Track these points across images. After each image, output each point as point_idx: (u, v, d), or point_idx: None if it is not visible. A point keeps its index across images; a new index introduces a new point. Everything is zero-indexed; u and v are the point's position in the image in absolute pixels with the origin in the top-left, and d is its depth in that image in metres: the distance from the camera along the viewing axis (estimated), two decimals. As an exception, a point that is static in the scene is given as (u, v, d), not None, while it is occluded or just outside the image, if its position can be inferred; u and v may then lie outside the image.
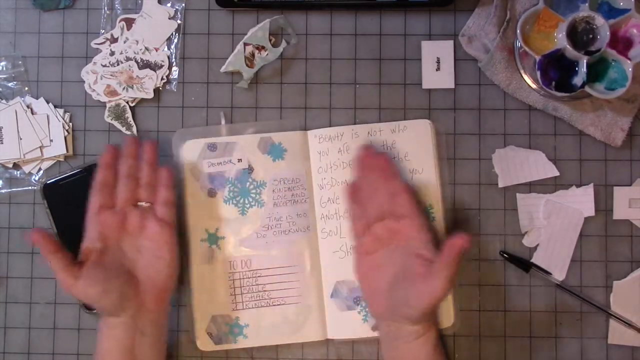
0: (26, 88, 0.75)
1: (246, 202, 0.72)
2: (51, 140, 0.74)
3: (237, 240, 0.72)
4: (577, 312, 0.73)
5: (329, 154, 0.73)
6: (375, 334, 0.71)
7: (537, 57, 0.68)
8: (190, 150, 0.73)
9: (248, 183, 0.73)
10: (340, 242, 0.72)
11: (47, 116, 0.74)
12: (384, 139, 0.73)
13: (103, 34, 0.75)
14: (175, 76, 0.75)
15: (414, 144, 0.73)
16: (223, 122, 0.74)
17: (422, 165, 0.73)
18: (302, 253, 0.72)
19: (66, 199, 0.73)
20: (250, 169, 0.73)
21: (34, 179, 0.75)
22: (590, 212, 0.73)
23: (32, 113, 0.74)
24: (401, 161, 0.73)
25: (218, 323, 0.72)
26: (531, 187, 0.73)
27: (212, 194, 0.72)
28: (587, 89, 0.68)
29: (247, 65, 0.73)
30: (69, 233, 0.72)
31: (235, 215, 0.72)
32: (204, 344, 0.72)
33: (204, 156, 0.73)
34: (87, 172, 0.72)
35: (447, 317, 0.71)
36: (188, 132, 0.73)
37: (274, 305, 0.72)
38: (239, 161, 0.73)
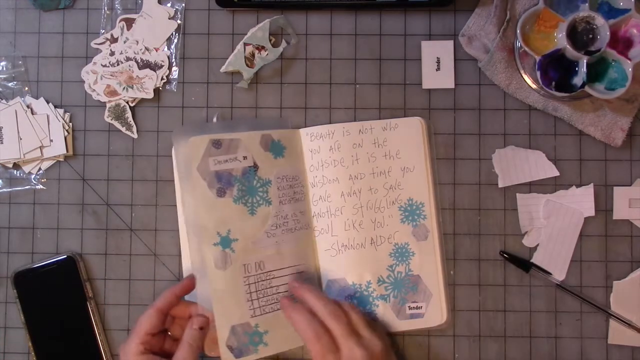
0: (26, 88, 0.75)
1: (254, 201, 0.70)
2: (51, 140, 0.74)
3: (249, 241, 0.69)
4: (577, 312, 0.73)
5: (320, 151, 0.73)
6: None
7: (537, 57, 0.68)
8: (195, 148, 0.68)
9: (255, 181, 0.70)
10: (332, 240, 0.72)
11: (47, 116, 0.74)
12: (375, 137, 0.73)
13: (103, 34, 0.75)
14: (175, 76, 0.75)
15: (406, 142, 0.73)
16: (215, 120, 0.74)
17: (414, 163, 0.73)
18: (306, 250, 0.72)
19: (36, 290, 0.72)
20: (255, 167, 0.70)
21: (34, 179, 0.75)
22: (590, 212, 0.73)
23: (32, 113, 0.74)
24: (393, 159, 0.73)
25: (237, 333, 0.67)
26: (531, 187, 0.73)
27: (221, 193, 0.69)
28: (587, 89, 0.68)
29: (247, 65, 0.73)
30: (37, 325, 0.72)
31: (245, 215, 0.69)
32: (226, 359, 0.67)
33: (210, 153, 0.69)
34: (59, 265, 0.72)
35: (439, 315, 0.71)
36: (187, 129, 0.70)
37: None
38: (244, 159, 0.70)
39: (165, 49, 0.75)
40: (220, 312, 0.67)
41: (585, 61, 0.68)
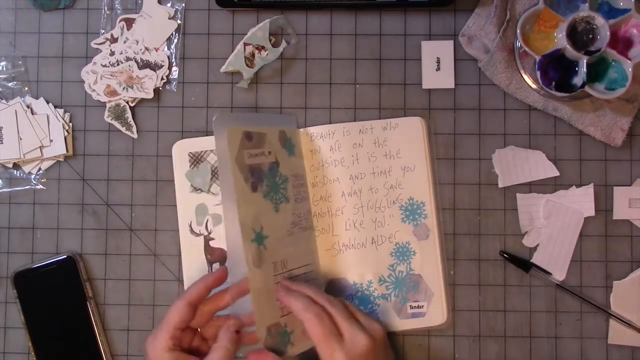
0: (26, 88, 0.75)
1: (277, 198, 0.68)
2: (51, 140, 0.74)
3: (276, 238, 0.66)
4: (577, 312, 0.73)
5: (320, 151, 0.73)
6: None
7: (537, 57, 0.68)
8: (232, 139, 0.64)
9: (277, 177, 0.68)
10: (332, 240, 0.72)
11: (47, 116, 0.74)
12: (376, 136, 0.73)
13: (103, 34, 0.75)
14: (175, 76, 0.75)
15: (406, 141, 0.73)
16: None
17: (414, 162, 0.73)
18: (313, 249, 0.72)
19: (36, 290, 0.72)
20: (277, 163, 0.68)
21: (34, 179, 0.75)
22: (590, 212, 0.73)
23: (32, 113, 0.74)
24: (393, 158, 0.73)
25: (272, 334, 0.64)
26: (531, 187, 0.73)
27: (254, 188, 0.65)
28: (587, 89, 0.68)
29: (247, 65, 0.73)
30: (37, 325, 0.72)
31: (271, 211, 0.67)
32: None
33: (244, 146, 0.65)
34: (59, 265, 0.72)
35: (440, 314, 0.71)
36: (226, 117, 0.66)
37: None
38: (269, 154, 0.68)
39: (165, 49, 0.75)
40: (259, 312, 0.63)
41: (585, 61, 0.68)
